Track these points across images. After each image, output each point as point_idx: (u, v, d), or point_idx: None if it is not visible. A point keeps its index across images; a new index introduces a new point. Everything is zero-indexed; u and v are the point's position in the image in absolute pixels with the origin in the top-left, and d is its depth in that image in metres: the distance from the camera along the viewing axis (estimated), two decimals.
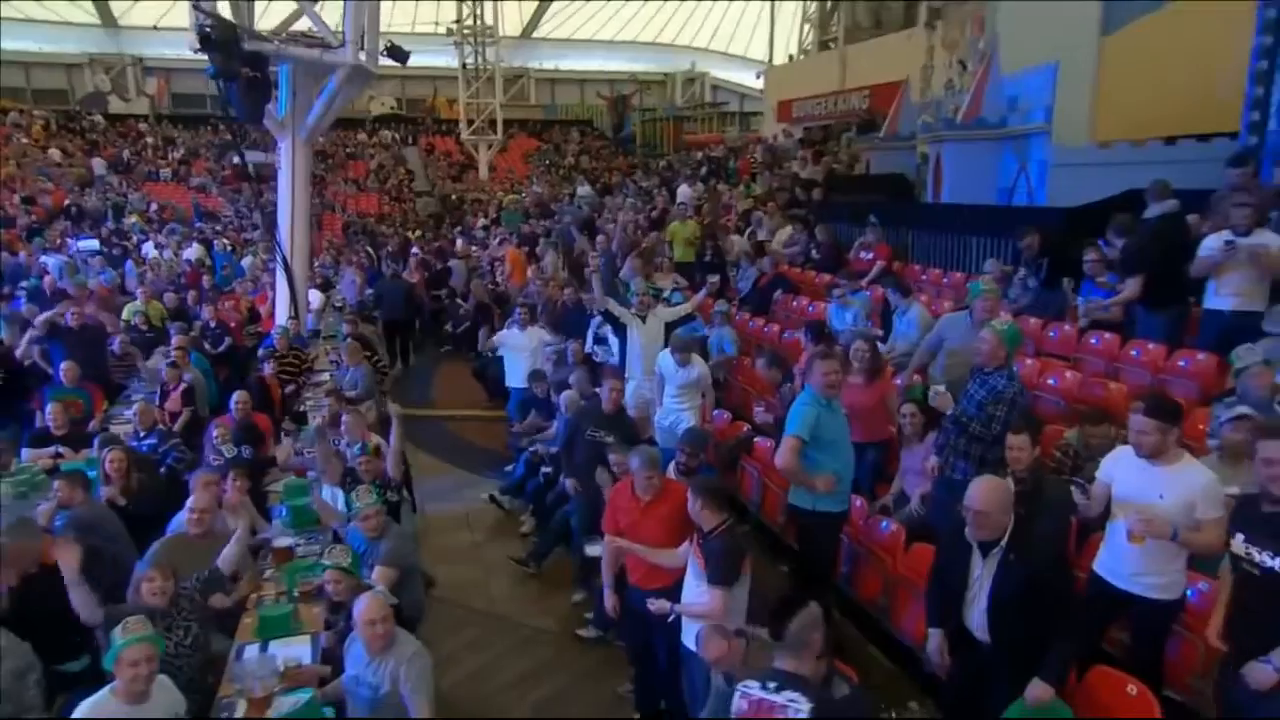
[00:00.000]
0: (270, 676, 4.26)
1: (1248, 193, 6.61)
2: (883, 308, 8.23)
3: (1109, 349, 6.96)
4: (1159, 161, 9.10)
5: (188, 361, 8.95)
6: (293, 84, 10.02)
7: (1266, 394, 4.74)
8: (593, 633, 6.04)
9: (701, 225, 13.42)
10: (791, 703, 2.95)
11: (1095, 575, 4.05)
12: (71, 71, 32.12)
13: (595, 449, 6.33)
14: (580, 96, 39.39)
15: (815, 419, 4.96)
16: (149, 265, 15.14)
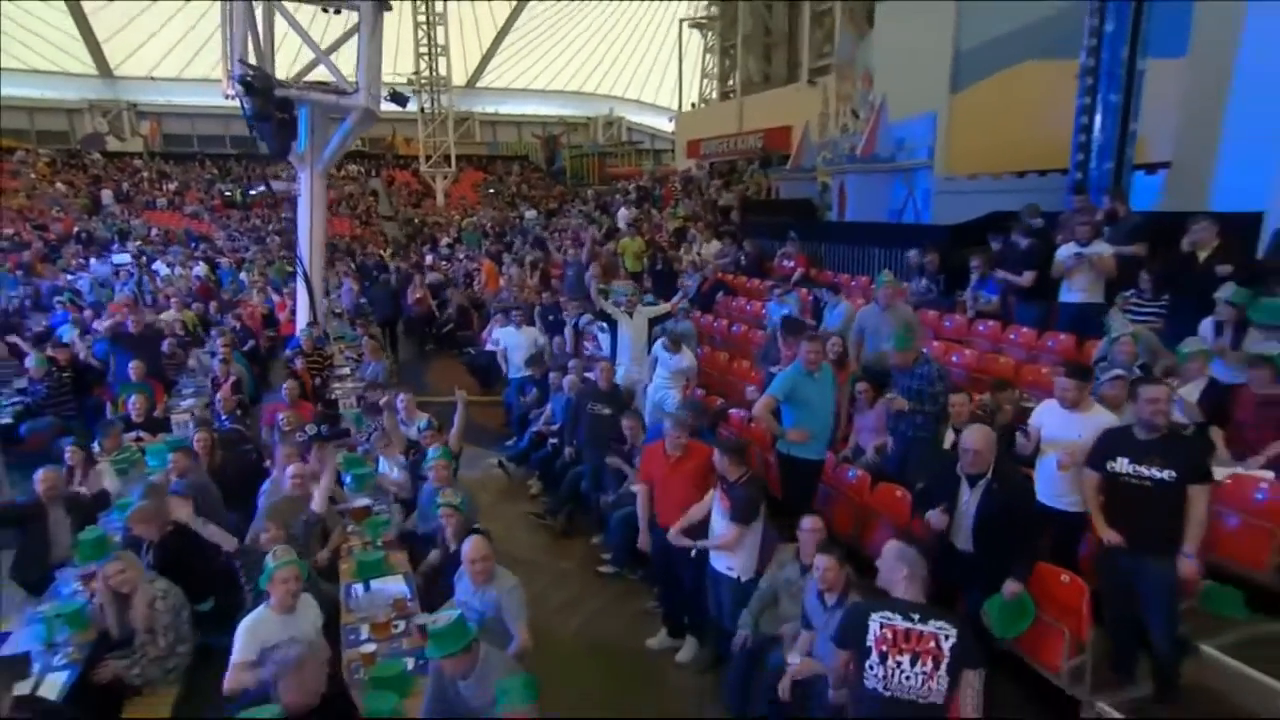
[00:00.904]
0: (385, 607, 4.47)
1: (1087, 214, 7.27)
2: (813, 304, 8.55)
3: (993, 333, 7.51)
4: (1012, 190, 9.84)
5: (233, 358, 8.93)
6: (311, 124, 9.90)
7: (1130, 359, 5.29)
8: (610, 569, 6.23)
9: (646, 241, 13.72)
10: (942, 630, 2.90)
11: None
12: (72, 115, 30.75)
13: (596, 420, 6.62)
14: (518, 136, 39.24)
15: (793, 385, 5.29)
16: (168, 281, 14.63)
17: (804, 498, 5.30)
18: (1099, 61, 8.58)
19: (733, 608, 4.52)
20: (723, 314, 10.21)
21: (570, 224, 19.25)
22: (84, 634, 4.22)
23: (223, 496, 5.74)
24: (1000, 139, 10.90)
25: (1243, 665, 3.92)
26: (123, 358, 8.53)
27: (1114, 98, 8.51)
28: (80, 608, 4.36)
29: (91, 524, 5.22)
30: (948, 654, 2.87)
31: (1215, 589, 4.31)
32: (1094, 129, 8.67)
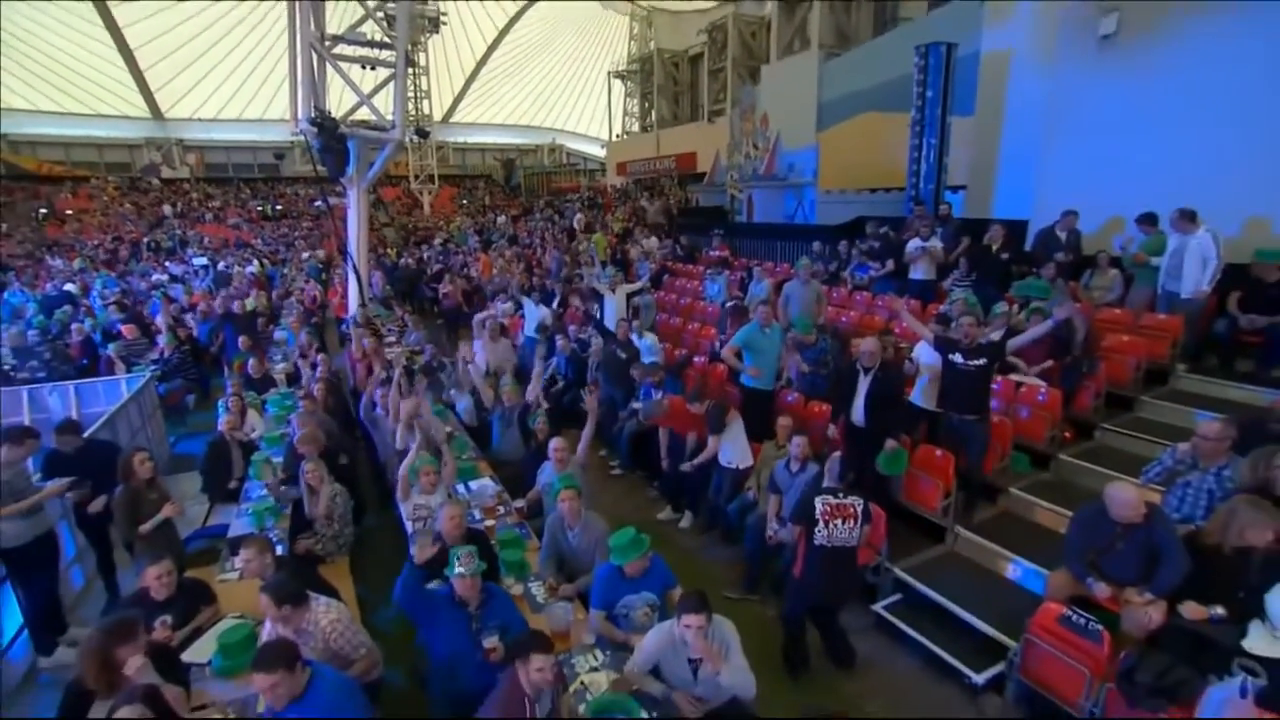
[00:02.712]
0: (488, 497, 4.77)
1: (924, 220, 7.97)
2: (739, 280, 8.98)
3: (865, 300, 8.06)
4: (868, 201, 10.52)
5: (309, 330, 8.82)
6: (358, 153, 9.68)
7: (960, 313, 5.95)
8: (619, 470, 6.53)
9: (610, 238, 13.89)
10: (854, 501, 3.46)
11: (909, 402, 4.98)
12: (132, 150, 28.72)
13: (615, 361, 6.72)
14: (482, 159, 38.10)
15: (749, 338, 5.64)
16: (236, 276, 13.97)
17: (764, 414, 5.50)
18: (924, 116, 9.30)
19: (729, 489, 4.98)
20: (670, 290, 10.51)
21: (536, 225, 19.07)
22: (281, 521, 4.38)
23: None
24: (857, 165, 11.50)
25: (1031, 497, 4.71)
26: (231, 333, 8.31)
27: (933, 141, 9.26)
28: (272, 505, 4.51)
29: (255, 451, 5.32)
30: (860, 515, 3.47)
31: (1014, 456, 5.07)
32: (922, 161, 9.41)
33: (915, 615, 3.98)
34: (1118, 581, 3.16)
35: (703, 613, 2.71)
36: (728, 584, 4.63)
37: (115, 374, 7.44)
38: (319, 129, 8.24)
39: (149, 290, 12.39)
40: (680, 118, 24.42)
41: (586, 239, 14.36)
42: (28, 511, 3.84)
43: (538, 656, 2.46)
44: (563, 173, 34.79)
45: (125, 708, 2.35)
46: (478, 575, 2.96)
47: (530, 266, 13.75)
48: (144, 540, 3.88)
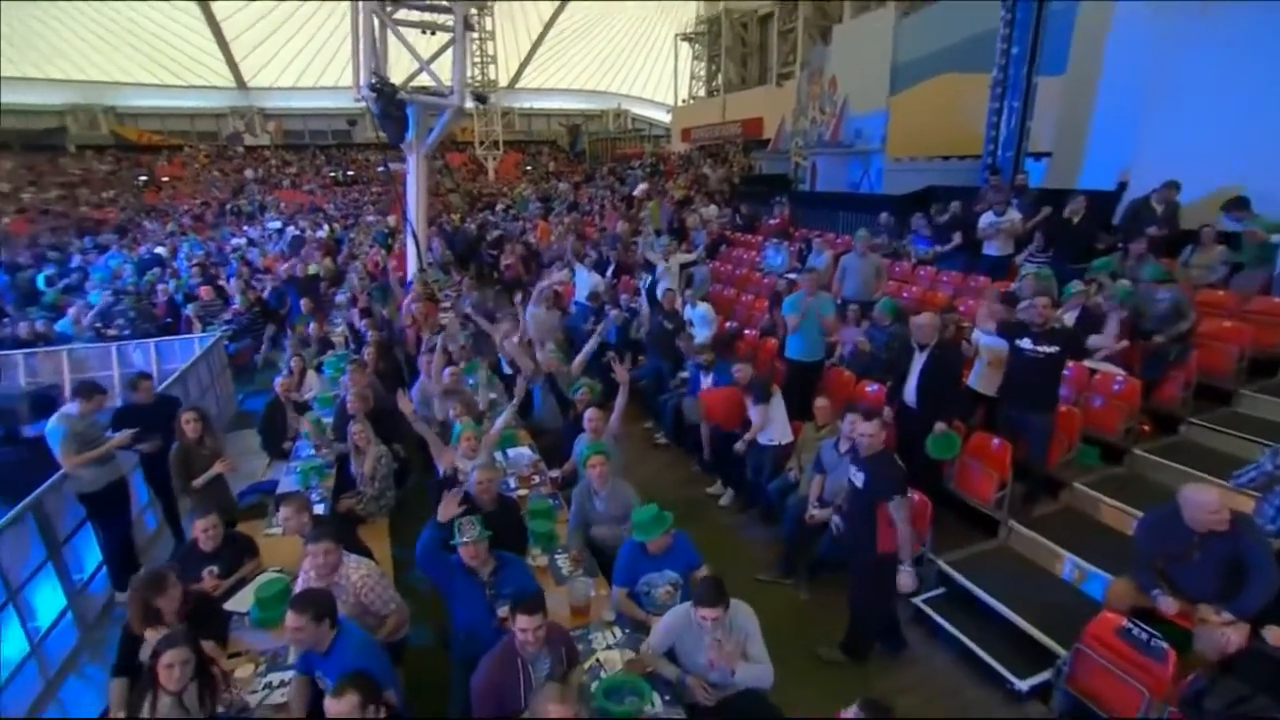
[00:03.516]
0: (524, 466, 4.79)
1: (999, 190, 7.38)
2: (798, 251, 8.63)
3: (929, 275, 7.60)
4: (939, 169, 9.84)
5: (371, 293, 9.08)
6: (418, 120, 9.76)
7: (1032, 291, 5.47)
8: (664, 440, 6.46)
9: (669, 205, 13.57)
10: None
11: (967, 386, 4.70)
12: (219, 119, 30.31)
13: (662, 332, 6.65)
14: (547, 125, 38.10)
15: (795, 305, 5.45)
16: (308, 240, 14.55)
17: (809, 389, 5.35)
18: (1006, 76, 8.54)
19: (771, 467, 4.80)
20: (727, 260, 10.22)
21: (597, 192, 18.95)
22: (326, 480, 4.53)
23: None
24: (929, 131, 10.79)
25: (1097, 494, 4.32)
26: (295, 296, 8.62)
27: (1015, 104, 8.51)
28: (320, 464, 4.67)
29: (308, 410, 5.52)
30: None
31: (1082, 448, 4.68)
32: (1001, 126, 8.69)
33: (958, 612, 3.75)
34: (1190, 596, 2.85)
35: (719, 605, 2.60)
36: (763, 565, 4.51)
37: (193, 333, 7.89)
38: (378, 95, 8.32)
39: (229, 253, 13.03)
40: (748, 81, 23.55)
41: (647, 207, 14.14)
42: (100, 460, 4.11)
43: (522, 617, 2.43)
44: (627, 139, 34.37)
45: (170, 651, 2.49)
46: (481, 543, 2.95)
47: (580, 234, 13.67)
48: (197, 494, 4.09)
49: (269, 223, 18.06)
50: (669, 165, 21.83)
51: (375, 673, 2.48)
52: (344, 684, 2.13)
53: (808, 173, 11.95)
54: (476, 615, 2.91)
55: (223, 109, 30.31)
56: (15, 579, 3.62)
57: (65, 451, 3.93)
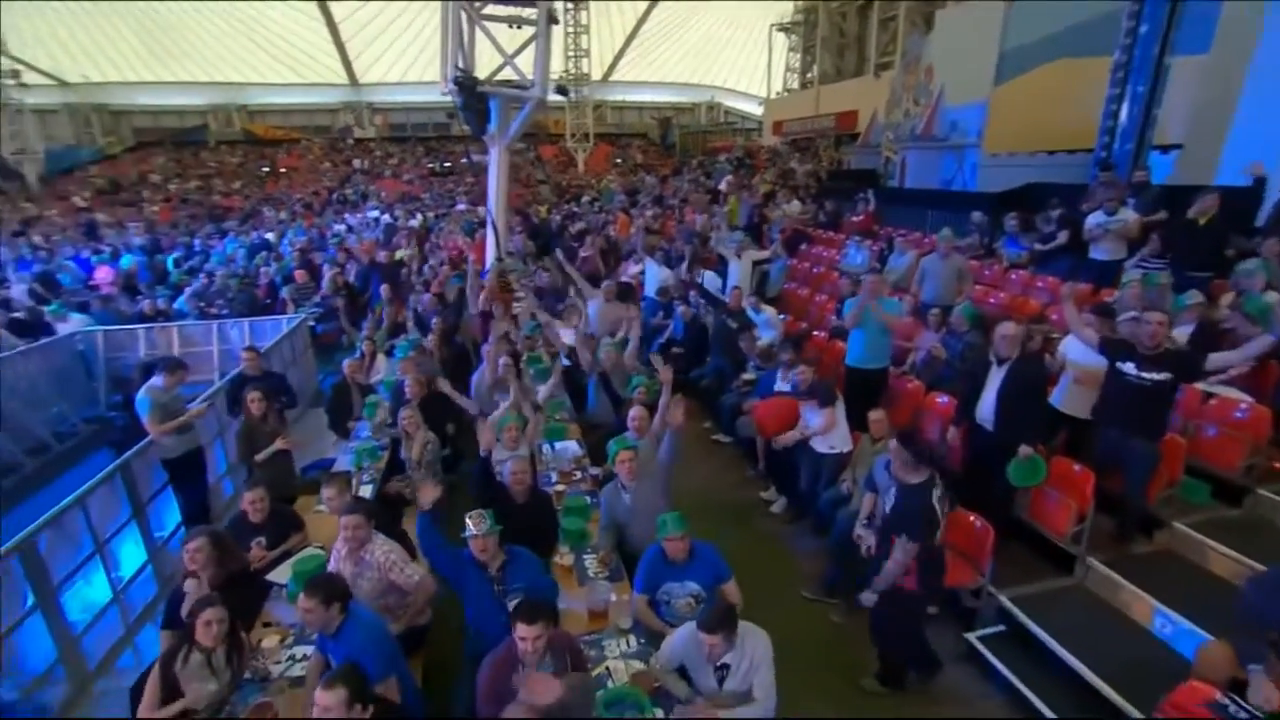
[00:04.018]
0: (568, 460, 4.77)
1: (1112, 187, 6.62)
2: (879, 251, 8.17)
3: (1023, 280, 6.98)
4: (1044, 165, 9.01)
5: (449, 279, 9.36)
6: (500, 112, 9.99)
7: (1136, 301, 4.89)
8: (725, 439, 6.26)
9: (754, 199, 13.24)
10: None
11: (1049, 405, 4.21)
12: (332, 114, 32.46)
13: (727, 330, 6.52)
14: (639, 117, 38.24)
15: (864, 319, 5.07)
16: (399, 228, 15.28)
17: (871, 397, 5.02)
18: (1131, 58, 7.66)
19: (828, 476, 4.55)
20: (805, 258, 9.81)
21: (682, 187, 18.82)
22: (377, 463, 4.69)
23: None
24: (1034, 124, 9.88)
25: (1203, 537, 3.79)
26: (376, 281, 9.04)
27: (1141, 89, 7.61)
28: (373, 447, 4.86)
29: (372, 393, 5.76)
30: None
31: (1188, 483, 4.12)
32: (1120, 115, 7.81)
33: (1016, 653, 3.39)
34: None
35: (719, 631, 2.47)
36: (808, 579, 4.28)
37: (286, 313, 8.48)
38: (459, 88, 8.57)
39: (329, 239, 13.93)
40: (844, 73, 22.57)
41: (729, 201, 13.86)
42: (180, 430, 4.47)
43: (522, 625, 2.39)
44: (719, 132, 33.89)
45: (208, 610, 2.66)
46: (491, 537, 2.94)
47: (658, 229, 13.58)
48: (259, 467, 4.35)
49: (368, 211, 19.18)
50: (757, 159, 21.33)
51: (377, 660, 2.53)
52: (335, 678, 2.15)
53: (897, 168, 11.25)
54: (485, 609, 2.91)
55: (336, 104, 32.42)
56: (103, 532, 3.99)
57: (150, 421, 4.29)
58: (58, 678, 3.63)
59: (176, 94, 29.43)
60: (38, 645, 3.59)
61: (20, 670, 3.53)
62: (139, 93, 29.05)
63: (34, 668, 3.57)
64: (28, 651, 3.57)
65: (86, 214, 20.04)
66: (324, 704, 2.08)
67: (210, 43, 28.23)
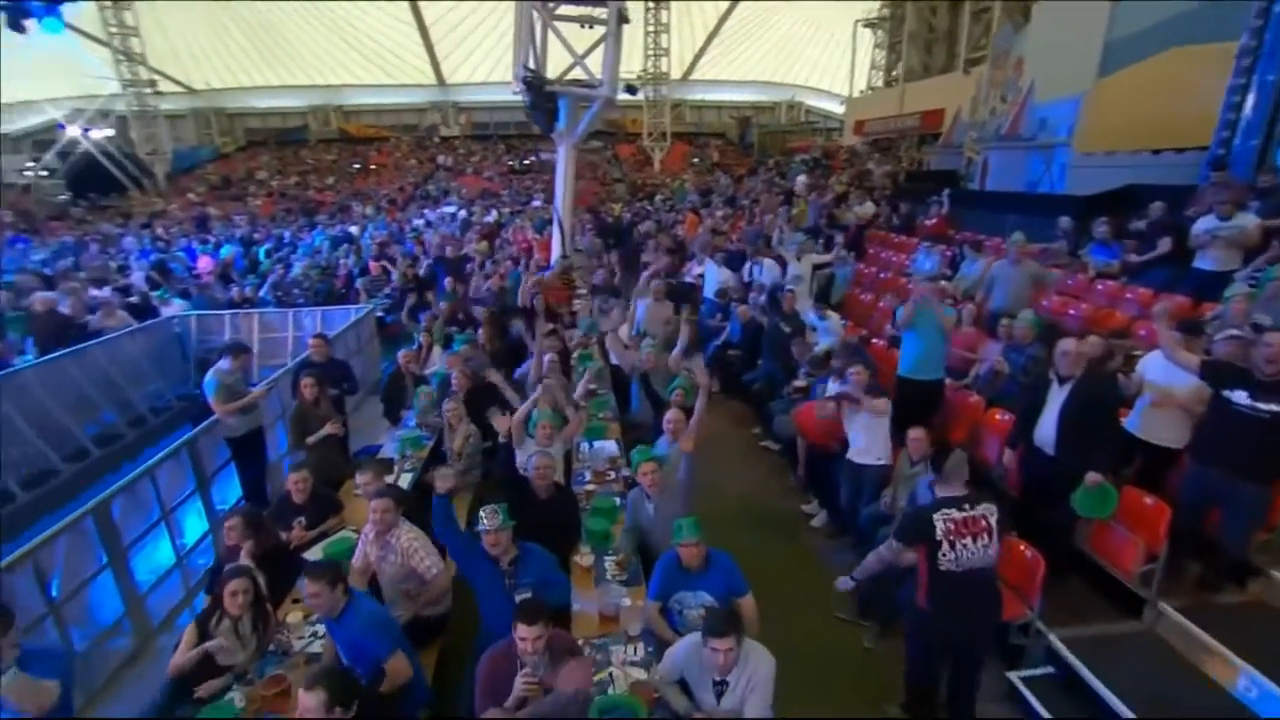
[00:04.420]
0: (604, 460, 4.76)
1: (1226, 188, 5.93)
2: (951, 257, 7.72)
3: (1111, 291, 6.36)
4: (1146, 165, 8.24)
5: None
6: (569, 111, 10.12)
7: (1242, 318, 4.39)
8: (772, 446, 6.11)
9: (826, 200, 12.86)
10: (987, 510, 2.75)
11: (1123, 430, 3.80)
12: (420, 112, 33.90)
13: (779, 334, 6.36)
14: (718, 117, 37.95)
15: (916, 321, 4.84)
16: (475, 223, 15.80)
17: (923, 410, 4.73)
18: (1261, 42, 6.85)
19: (869, 491, 4.33)
20: (873, 262, 9.42)
21: (755, 187, 18.52)
22: (420, 452, 4.84)
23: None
24: (1138, 119, 8.91)
25: None
26: (442, 274, 9.36)
27: (1271, 77, 6.79)
28: (417, 436, 5.02)
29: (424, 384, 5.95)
30: (995, 526, 2.77)
31: None
32: (1245, 107, 7.00)
33: (1063, 699, 3.10)
34: None
35: (730, 635, 2.38)
36: (843, 598, 4.07)
37: (359, 303, 8.92)
38: (527, 87, 8.75)
39: (407, 233, 14.58)
40: (931, 69, 21.46)
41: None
42: (243, 410, 4.77)
43: (521, 626, 2.41)
44: (798, 132, 33.10)
45: (234, 580, 2.83)
46: (503, 532, 2.96)
47: (724, 229, 13.37)
48: (309, 450, 4.58)
49: (445, 207, 19.97)
50: (834, 159, 20.68)
51: (381, 642, 2.60)
52: (315, 681, 2.18)
53: (978, 169, 10.55)
54: (495, 602, 2.93)
55: (424, 104, 33.87)
56: (169, 501, 4.31)
57: (215, 401, 4.61)
58: (124, 630, 3.96)
59: (282, 97, 31.71)
60: (108, 601, 3.92)
61: (92, 621, 3.86)
62: (251, 96, 31.47)
63: (104, 620, 3.91)
64: (99, 605, 3.91)
65: (200, 208, 21.88)
66: (304, 705, 2.13)
67: (312, 47, 30.23)
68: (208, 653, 2.84)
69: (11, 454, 6.02)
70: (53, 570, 3.62)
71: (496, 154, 31.97)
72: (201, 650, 2.82)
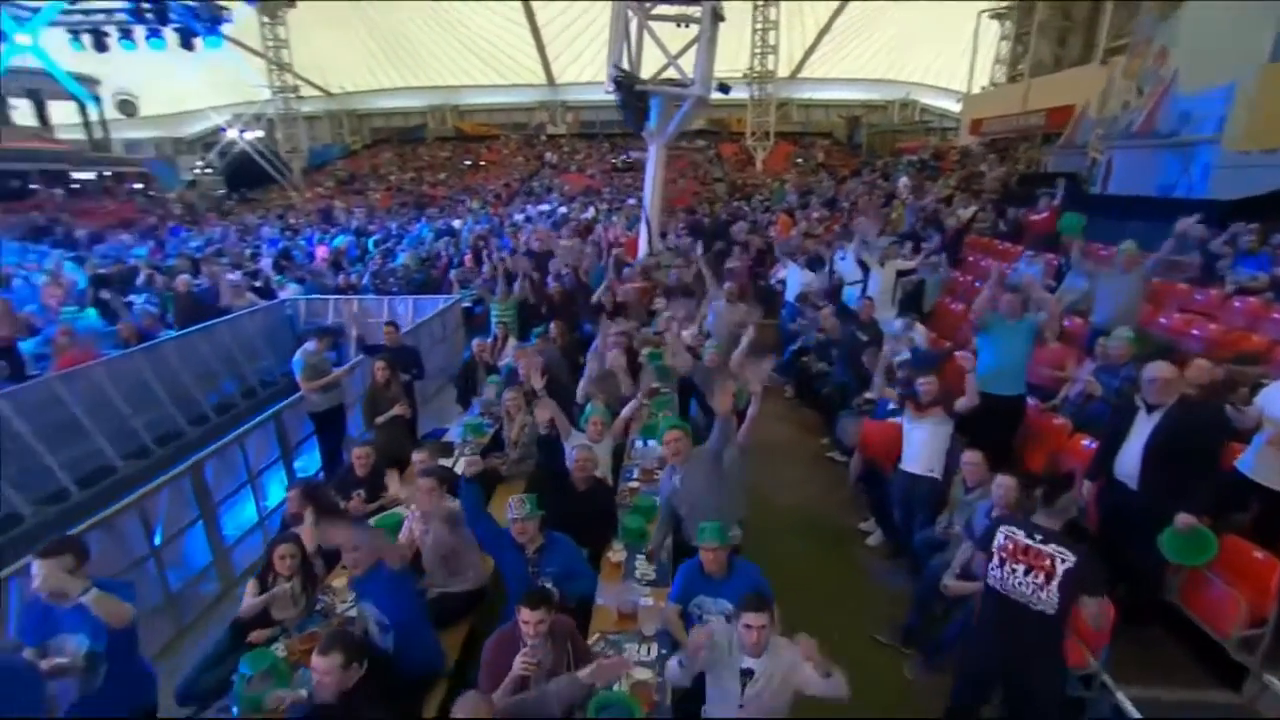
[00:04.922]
0: (654, 459, 4.73)
1: None
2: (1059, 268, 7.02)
3: (1252, 309, 5.57)
4: None
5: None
6: (660, 109, 10.17)
7: None
8: (839, 457, 5.87)
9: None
10: (1059, 553, 2.49)
11: (1234, 469, 3.37)
12: (529, 111, 35.34)
13: (854, 342, 6.15)
14: (826, 116, 36.80)
15: (988, 324, 4.60)
16: (571, 219, 16.18)
17: (999, 431, 4.43)
18: None
19: (924, 511, 4.07)
20: (970, 270, 8.76)
21: (855, 189, 17.81)
22: (481, 438, 5.04)
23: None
24: None
25: None
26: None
27: None
28: (479, 423, 5.23)
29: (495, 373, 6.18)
30: (1060, 574, 2.46)
31: None
32: None
33: None
34: None
35: (765, 612, 2.40)
36: (886, 623, 3.86)
37: (452, 294, 9.41)
38: (617, 86, 8.87)
39: (506, 228, 15.19)
40: (1063, 62, 19.67)
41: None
42: (326, 388, 5.17)
43: (524, 609, 2.48)
44: (910, 131, 31.48)
45: (282, 545, 3.09)
46: (530, 521, 3.04)
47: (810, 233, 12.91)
48: (378, 429, 4.89)
49: (543, 204, 20.66)
50: (944, 161, 19.48)
51: (396, 607, 2.75)
52: (329, 644, 2.32)
53: (1100, 171, 9.49)
54: (519, 588, 3.00)
55: (533, 103, 35.25)
56: (255, 467, 4.76)
57: (301, 378, 5.04)
58: (211, 577, 4.42)
59: (405, 98, 34.10)
60: (199, 550, 4.39)
61: (185, 566, 4.34)
62: (378, 98, 34.08)
63: (195, 566, 4.38)
64: (192, 552, 4.38)
65: (327, 201, 23.89)
66: (321, 668, 2.28)
67: (434, 50, 32.29)
68: (266, 605, 3.12)
69: (150, 416, 6.85)
70: (156, 519, 4.10)
71: (601, 152, 32.63)
72: (265, 599, 3.10)
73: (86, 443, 6.03)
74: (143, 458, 6.51)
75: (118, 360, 6.65)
